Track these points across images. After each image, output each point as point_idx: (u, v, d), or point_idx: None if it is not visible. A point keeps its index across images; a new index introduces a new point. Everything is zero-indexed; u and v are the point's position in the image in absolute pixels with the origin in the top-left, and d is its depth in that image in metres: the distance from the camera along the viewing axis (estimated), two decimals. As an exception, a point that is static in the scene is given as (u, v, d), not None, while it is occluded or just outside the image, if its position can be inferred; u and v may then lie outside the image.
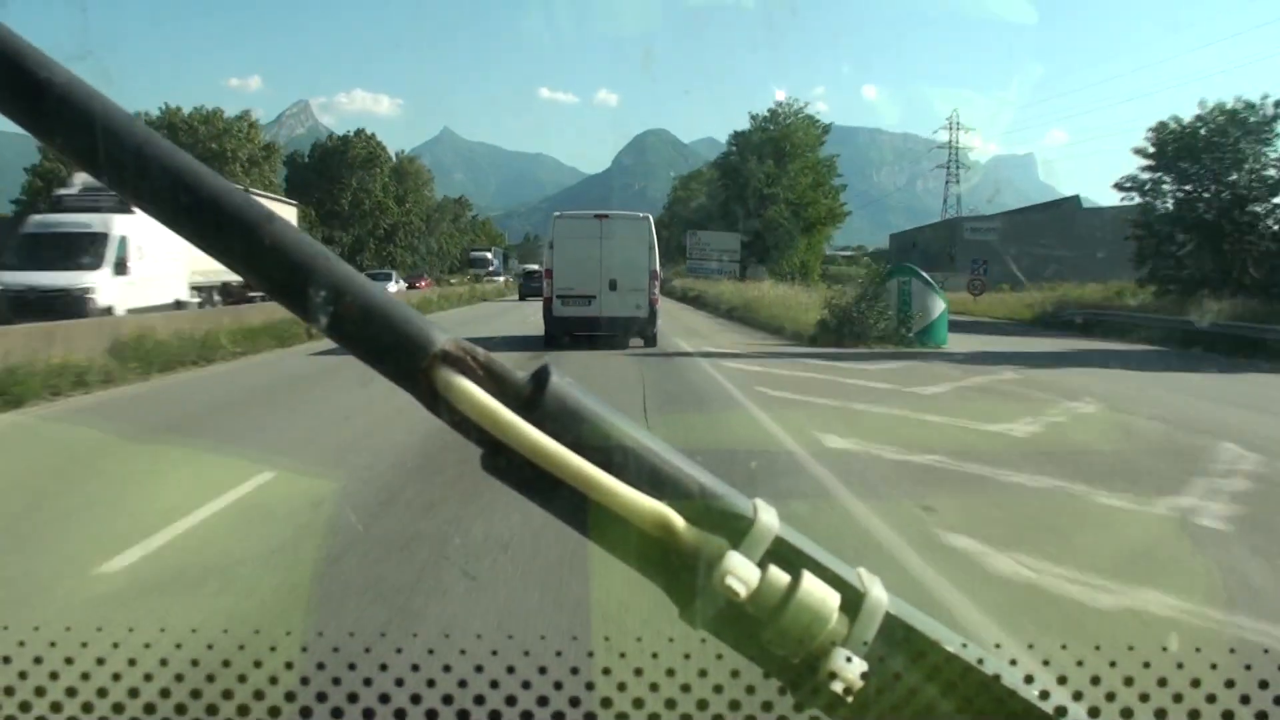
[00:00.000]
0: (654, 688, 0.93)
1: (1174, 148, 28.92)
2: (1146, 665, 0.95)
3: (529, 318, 23.13)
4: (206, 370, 15.11)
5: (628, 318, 17.60)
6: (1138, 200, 30.95)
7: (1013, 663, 0.65)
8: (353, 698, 0.93)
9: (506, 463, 0.61)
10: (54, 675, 0.96)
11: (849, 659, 0.59)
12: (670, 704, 0.91)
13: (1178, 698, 0.90)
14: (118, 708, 0.96)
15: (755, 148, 60.96)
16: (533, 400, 0.61)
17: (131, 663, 1.00)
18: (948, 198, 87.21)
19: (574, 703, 0.95)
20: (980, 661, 0.62)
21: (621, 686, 0.94)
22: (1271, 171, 27.72)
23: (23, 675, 0.96)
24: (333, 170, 70.70)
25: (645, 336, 17.89)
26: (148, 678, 0.98)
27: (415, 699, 0.93)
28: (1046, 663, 0.91)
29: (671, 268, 61.88)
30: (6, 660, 0.97)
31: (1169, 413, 11.40)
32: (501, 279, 70.56)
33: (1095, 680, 0.90)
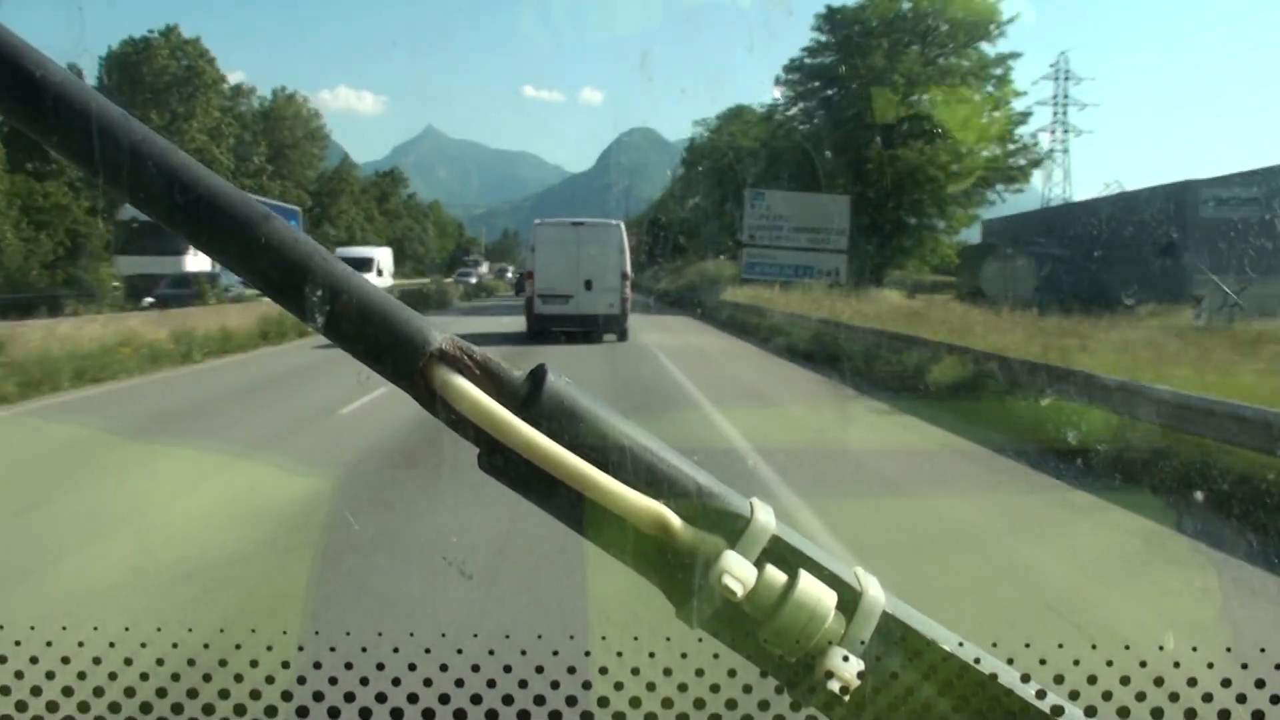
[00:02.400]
0: (651, 687, 0.93)
1: None
2: (1143, 664, 0.95)
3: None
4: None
5: (602, 314, 19.45)
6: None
7: (1009, 661, 0.66)
8: (349, 697, 0.93)
9: (503, 461, 0.61)
10: (50, 675, 0.96)
11: (846, 658, 0.59)
12: (667, 703, 0.91)
13: (1174, 696, 0.90)
14: (114, 707, 0.96)
15: (875, 33, 33.07)
16: (530, 399, 0.61)
17: (128, 662, 0.99)
18: (1050, 172, 53.96)
19: (571, 702, 0.95)
20: (977, 660, 0.62)
21: (619, 686, 0.94)
22: None
23: (19, 675, 0.96)
24: (125, 93, 40.84)
25: (617, 331, 19.68)
26: (144, 677, 0.98)
27: (412, 698, 0.93)
28: (1043, 661, 0.91)
29: (672, 268, 44.06)
30: (3, 660, 0.97)
31: None
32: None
33: (1092, 679, 0.90)
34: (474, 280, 51.46)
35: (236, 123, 47.58)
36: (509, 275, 70.64)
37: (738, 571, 0.59)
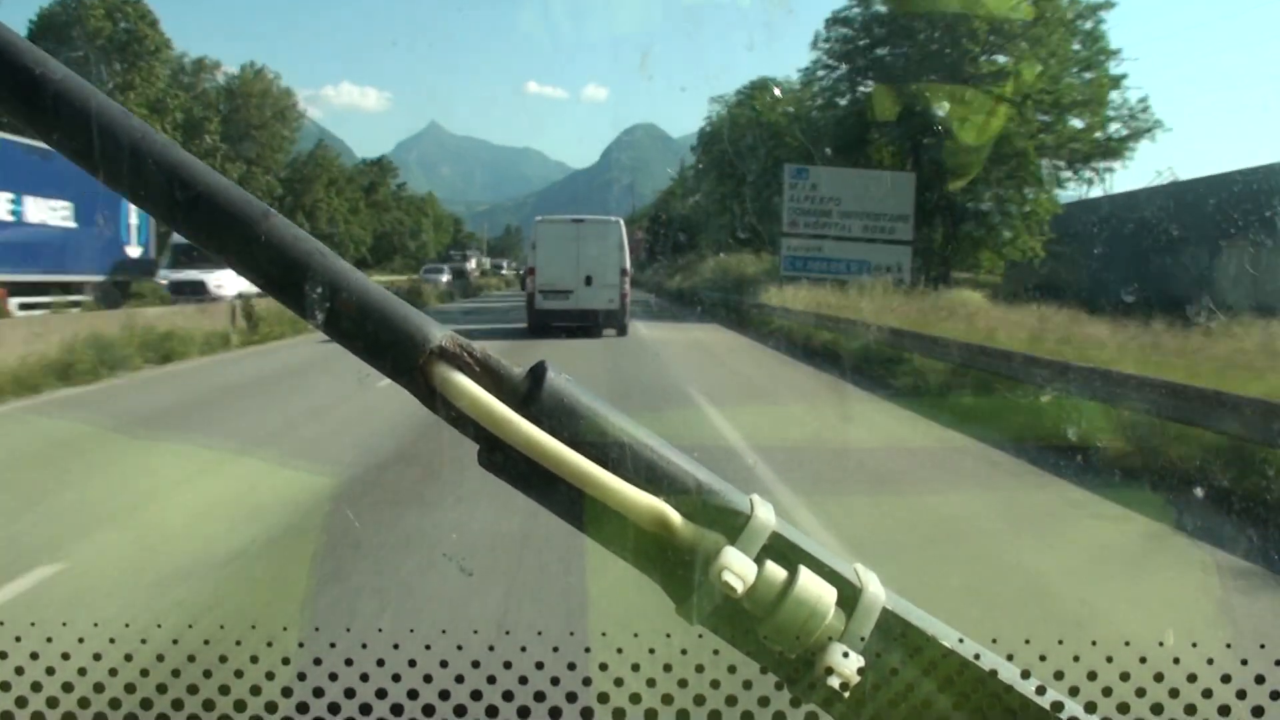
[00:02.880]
0: (651, 683, 0.93)
1: None
2: (1143, 660, 0.95)
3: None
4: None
5: (602, 309, 19.70)
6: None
7: (1009, 658, 0.66)
8: (350, 693, 0.93)
9: (504, 458, 0.61)
10: (51, 670, 0.96)
11: (846, 654, 0.59)
12: (667, 699, 0.91)
13: (1174, 692, 0.90)
14: (115, 703, 0.96)
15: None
16: (530, 396, 0.61)
17: (129, 658, 1.00)
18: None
19: (571, 698, 0.95)
20: (977, 657, 0.62)
21: (619, 682, 0.94)
22: None
23: (20, 671, 0.96)
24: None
25: (617, 326, 19.89)
26: (144, 673, 0.98)
27: (412, 694, 0.93)
28: (1043, 658, 0.91)
29: (683, 264, 40.60)
30: (4, 656, 0.97)
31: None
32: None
33: (1092, 675, 0.90)
34: (445, 279, 43.94)
35: (197, 101, 41.96)
36: (504, 271, 67.83)
37: (738, 568, 0.59)
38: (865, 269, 25.23)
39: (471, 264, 61.39)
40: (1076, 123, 27.36)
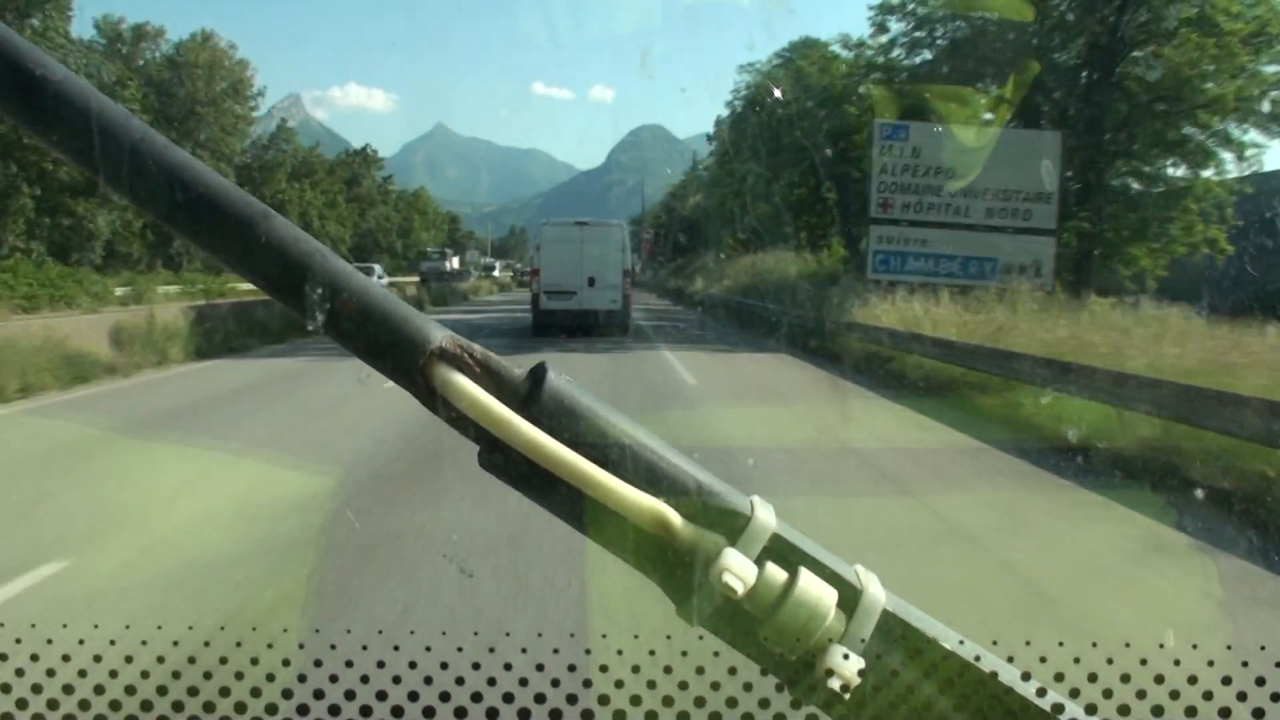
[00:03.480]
0: (651, 685, 0.93)
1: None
2: (1143, 662, 0.95)
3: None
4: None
5: (604, 310, 20.21)
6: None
7: (1010, 659, 0.65)
8: (350, 695, 0.93)
9: (504, 459, 0.61)
10: (51, 672, 0.96)
11: (846, 656, 0.59)
12: (668, 701, 0.91)
13: (1174, 694, 0.90)
14: (115, 705, 0.96)
15: None
16: (530, 397, 0.61)
17: (129, 660, 1.00)
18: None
19: (571, 700, 0.95)
20: (977, 658, 0.62)
21: (619, 683, 0.94)
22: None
23: (20, 673, 0.96)
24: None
25: (620, 326, 20.35)
26: (145, 674, 0.98)
27: (413, 696, 0.93)
28: (1043, 659, 0.91)
29: (695, 264, 36.72)
30: (4, 658, 0.97)
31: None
32: None
33: (1092, 677, 0.90)
34: (382, 285, 37.06)
35: (137, 75, 35.72)
36: (496, 274, 63.48)
37: (738, 569, 0.59)
38: (991, 270, 18.21)
39: (452, 263, 51.85)
40: (1272, 67, 18.86)
